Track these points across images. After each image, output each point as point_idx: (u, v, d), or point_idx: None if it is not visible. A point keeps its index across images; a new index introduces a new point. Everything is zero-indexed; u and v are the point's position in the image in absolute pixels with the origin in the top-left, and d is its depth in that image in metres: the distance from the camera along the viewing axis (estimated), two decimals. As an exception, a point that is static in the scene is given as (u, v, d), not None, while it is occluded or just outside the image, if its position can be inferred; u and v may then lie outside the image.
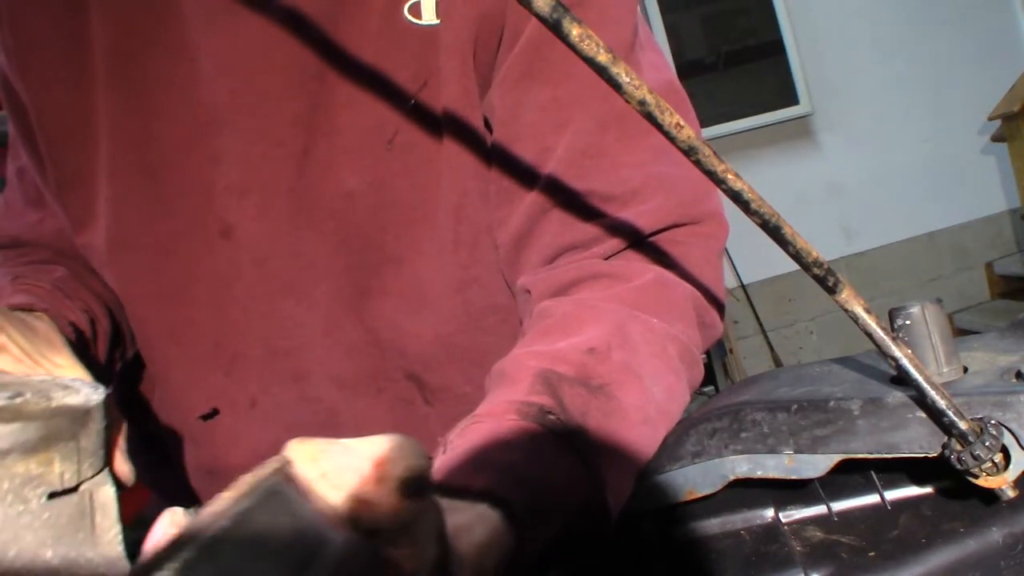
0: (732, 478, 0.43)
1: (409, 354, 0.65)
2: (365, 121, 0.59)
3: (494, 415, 0.43)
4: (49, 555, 0.37)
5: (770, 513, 0.44)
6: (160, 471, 0.75)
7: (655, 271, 0.57)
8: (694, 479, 0.45)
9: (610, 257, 0.59)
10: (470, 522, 0.33)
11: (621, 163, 0.58)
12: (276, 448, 0.61)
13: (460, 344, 0.65)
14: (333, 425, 0.66)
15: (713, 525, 0.45)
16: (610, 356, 0.48)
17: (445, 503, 0.35)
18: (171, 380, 0.70)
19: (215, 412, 0.68)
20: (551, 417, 0.42)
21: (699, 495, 0.45)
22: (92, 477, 0.40)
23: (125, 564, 0.39)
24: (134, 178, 0.64)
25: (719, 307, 0.61)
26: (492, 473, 0.38)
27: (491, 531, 0.34)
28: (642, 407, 0.47)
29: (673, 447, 0.47)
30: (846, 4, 3.48)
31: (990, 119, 3.27)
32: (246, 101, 0.61)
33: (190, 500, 0.73)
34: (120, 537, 0.41)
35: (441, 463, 0.40)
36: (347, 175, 0.61)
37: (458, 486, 0.37)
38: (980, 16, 3.51)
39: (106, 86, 0.64)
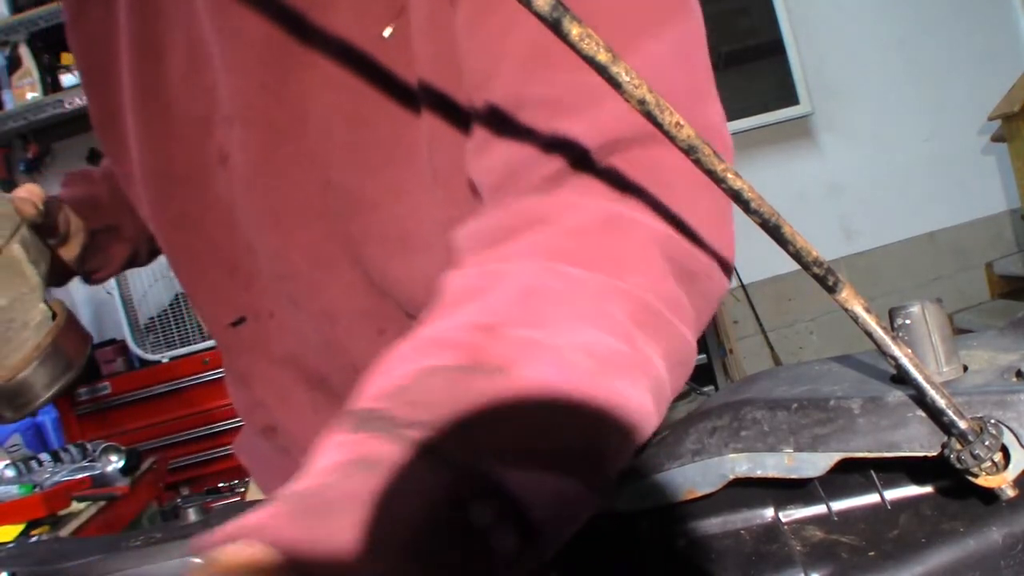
0: (732, 477, 0.43)
1: (404, 298, 0.65)
2: (341, 52, 0.58)
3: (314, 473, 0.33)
4: (3, 302, 0.66)
5: (770, 513, 0.44)
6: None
7: (603, 208, 0.44)
8: (694, 478, 0.45)
9: (553, 184, 0.46)
10: None
11: (575, 65, 0.44)
12: (294, 358, 0.71)
13: None
14: (332, 353, 0.69)
15: (713, 525, 0.45)
16: (506, 334, 0.37)
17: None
18: (199, 296, 0.78)
19: (242, 319, 0.74)
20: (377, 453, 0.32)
21: (699, 494, 0.45)
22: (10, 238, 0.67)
23: (42, 288, 0.69)
24: (150, 112, 0.70)
25: (714, 249, 0.46)
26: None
27: None
28: (558, 384, 0.35)
29: (672, 445, 0.47)
30: (846, 4, 3.48)
31: (990, 119, 3.27)
32: (225, 35, 0.63)
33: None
34: (35, 270, 0.70)
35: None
36: (325, 108, 0.60)
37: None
38: (980, 16, 3.51)
39: (126, 21, 0.69)
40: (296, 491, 0.31)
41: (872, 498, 0.43)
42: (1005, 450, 0.36)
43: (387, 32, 0.57)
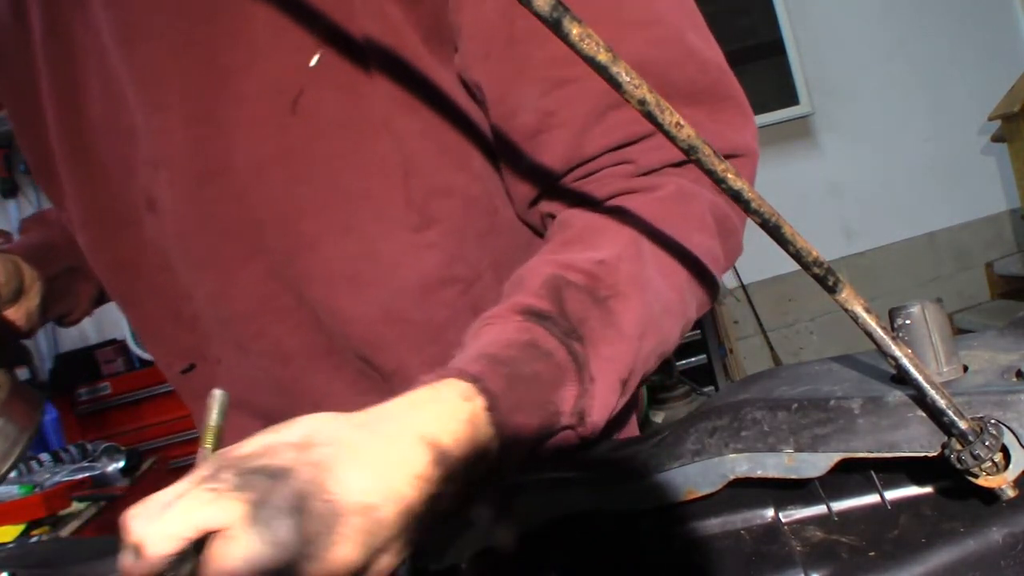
0: (732, 477, 0.43)
1: (352, 336, 0.63)
2: (264, 85, 0.56)
3: (501, 316, 0.47)
4: None
5: (770, 513, 0.44)
6: None
7: (676, 182, 0.56)
8: (694, 478, 0.45)
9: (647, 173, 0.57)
10: (449, 412, 0.39)
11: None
12: (246, 403, 0.68)
13: (412, 320, 0.62)
14: (288, 393, 0.67)
15: (713, 525, 0.45)
16: (619, 267, 0.50)
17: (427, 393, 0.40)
18: (149, 342, 0.75)
19: (192, 367, 0.72)
20: (550, 318, 0.46)
21: (699, 494, 0.45)
22: None
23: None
24: (76, 157, 0.67)
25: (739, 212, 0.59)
26: (484, 362, 0.43)
27: (471, 418, 0.39)
28: (640, 322, 0.49)
29: (673, 445, 0.47)
30: (846, 4, 3.47)
31: (990, 119, 3.26)
32: (137, 71, 0.60)
33: None
34: None
35: (454, 361, 0.44)
36: (255, 145, 0.58)
37: (455, 368, 0.42)
38: (980, 16, 3.51)
39: (44, 66, 0.66)
40: (487, 352, 0.43)
41: (872, 498, 0.43)
42: (1005, 450, 0.36)
43: (313, 61, 0.55)
